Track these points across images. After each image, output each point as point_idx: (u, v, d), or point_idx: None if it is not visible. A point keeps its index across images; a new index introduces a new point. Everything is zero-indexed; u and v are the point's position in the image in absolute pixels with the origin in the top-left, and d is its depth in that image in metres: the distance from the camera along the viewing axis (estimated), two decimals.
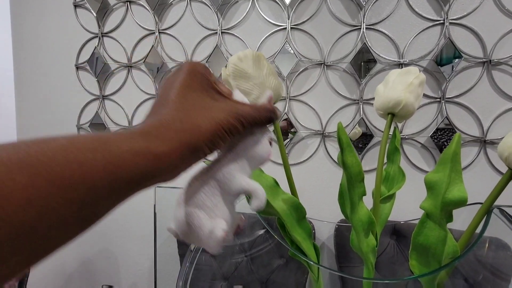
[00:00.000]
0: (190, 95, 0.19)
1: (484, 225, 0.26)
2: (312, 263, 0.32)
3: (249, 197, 0.22)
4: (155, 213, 0.45)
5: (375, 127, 0.95)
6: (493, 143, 0.88)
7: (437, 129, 0.91)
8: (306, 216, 0.34)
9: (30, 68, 1.22)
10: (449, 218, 0.26)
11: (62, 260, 1.24)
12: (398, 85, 0.37)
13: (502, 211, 0.28)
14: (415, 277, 0.27)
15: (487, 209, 0.27)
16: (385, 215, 0.37)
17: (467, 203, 0.31)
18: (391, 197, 0.37)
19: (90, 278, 1.21)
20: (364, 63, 0.95)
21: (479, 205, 0.33)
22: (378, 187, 0.37)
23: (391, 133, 0.41)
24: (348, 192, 0.31)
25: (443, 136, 0.91)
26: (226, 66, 0.35)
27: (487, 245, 0.76)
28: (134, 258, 1.18)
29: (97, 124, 1.16)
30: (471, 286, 0.77)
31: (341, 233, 0.83)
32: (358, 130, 0.97)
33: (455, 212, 0.36)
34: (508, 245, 0.75)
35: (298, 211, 0.32)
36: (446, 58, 0.89)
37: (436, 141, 0.91)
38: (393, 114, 0.38)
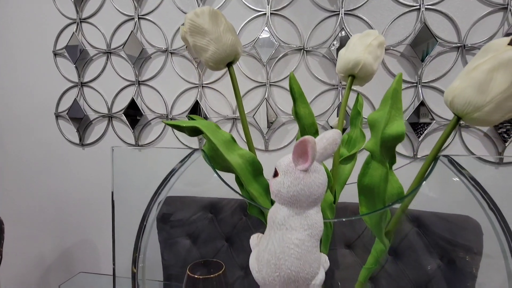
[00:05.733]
0: None
1: (429, 171, 0.27)
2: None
3: None
4: (113, 201, 0.44)
5: None
6: (468, 126, 0.90)
7: (414, 114, 0.92)
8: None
9: (6, 55, 1.19)
10: (392, 159, 0.26)
11: (41, 251, 1.21)
12: (358, 47, 0.38)
13: (450, 159, 0.29)
14: (360, 216, 0.27)
15: (434, 156, 0.27)
16: (345, 175, 0.37)
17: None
18: (351, 158, 0.38)
19: (69, 269, 1.19)
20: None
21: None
22: (337, 149, 0.37)
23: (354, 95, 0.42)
24: None
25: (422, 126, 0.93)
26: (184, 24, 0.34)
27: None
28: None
29: (76, 112, 1.13)
30: (447, 264, 0.79)
31: None
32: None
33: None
34: (479, 224, 0.77)
35: (254, 166, 0.31)
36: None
37: (416, 129, 0.93)
38: (354, 76, 0.39)
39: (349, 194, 0.37)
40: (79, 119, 1.13)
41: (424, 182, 0.28)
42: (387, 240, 0.28)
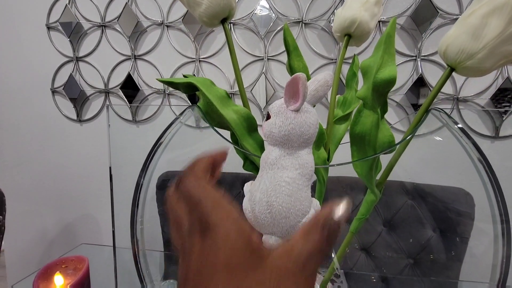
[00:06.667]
0: None
1: (421, 121, 0.27)
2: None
3: None
4: (110, 175, 0.45)
5: None
6: (466, 100, 0.90)
7: (411, 88, 0.92)
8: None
9: None
10: (384, 106, 0.26)
11: (43, 225, 1.23)
12: (354, 5, 0.37)
13: (441, 112, 0.29)
14: (351, 162, 0.27)
15: (426, 109, 0.28)
16: (339, 135, 0.38)
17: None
18: (346, 118, 0.38)
19: (72, 242, 1.21)
20: None
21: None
22: (332, 109, 0.37)
23: (349, 56, 0.41)
24: None
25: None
26: None
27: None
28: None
29: (72, 87, 1.12)
30: (440, 234, 0.81)
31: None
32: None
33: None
34: (471, 194, 0.79)
35: (249, 121, 0.32)
36: None
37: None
38: (350, 36, 0.38)
39: (343, 154, 0.38)
40: (75, 96, 1.12)
41: (415, 136, 0.28)
42: (377, 190, 0.29)
